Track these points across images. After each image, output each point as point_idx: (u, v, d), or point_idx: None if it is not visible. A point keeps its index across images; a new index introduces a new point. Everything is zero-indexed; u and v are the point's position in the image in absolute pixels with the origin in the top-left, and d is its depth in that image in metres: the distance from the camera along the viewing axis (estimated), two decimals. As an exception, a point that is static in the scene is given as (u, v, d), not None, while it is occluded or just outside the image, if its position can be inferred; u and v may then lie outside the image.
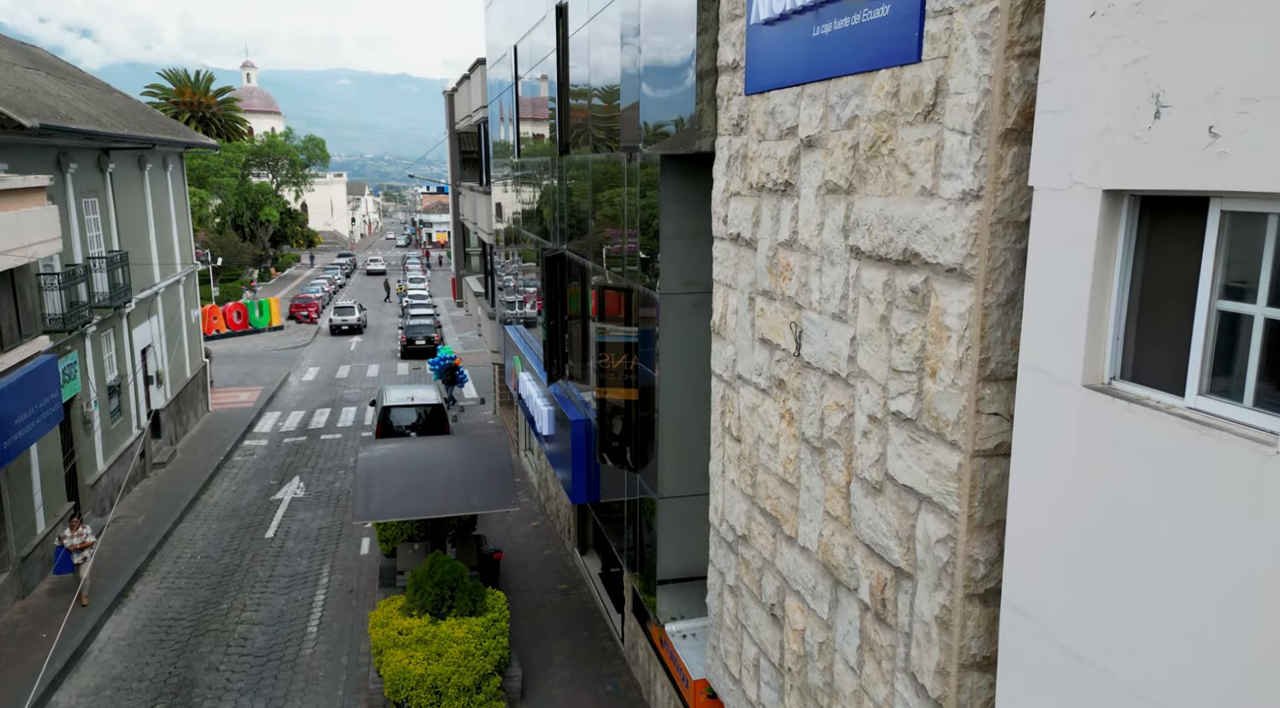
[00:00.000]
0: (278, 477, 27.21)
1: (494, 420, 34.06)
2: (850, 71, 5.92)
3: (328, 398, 38.01)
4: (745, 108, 7.65)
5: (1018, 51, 4.54)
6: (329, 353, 48.61)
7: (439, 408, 26.91)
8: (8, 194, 15.61)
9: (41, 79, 23.24)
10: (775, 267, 7.19)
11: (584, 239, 13.61)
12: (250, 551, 21.40)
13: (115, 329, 24.54)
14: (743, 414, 8.03)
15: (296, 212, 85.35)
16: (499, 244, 24.62)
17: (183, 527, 22.97)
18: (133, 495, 24.75)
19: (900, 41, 5.34)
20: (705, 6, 8.36)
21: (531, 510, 24.12)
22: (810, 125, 6.48)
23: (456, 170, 33.55)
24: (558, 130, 14.58)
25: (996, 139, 4.63)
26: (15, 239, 15.72)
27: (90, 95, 26.03)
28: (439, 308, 59.49)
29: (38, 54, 28.01)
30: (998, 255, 4.73)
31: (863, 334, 5.91)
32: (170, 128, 30.23)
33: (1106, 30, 3.90)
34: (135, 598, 18.87)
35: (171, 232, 30.48)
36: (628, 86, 10.80)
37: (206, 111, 75.98)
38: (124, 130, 23.30)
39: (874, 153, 5.67)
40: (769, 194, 7.25)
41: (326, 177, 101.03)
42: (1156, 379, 3.97)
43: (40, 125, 17.27)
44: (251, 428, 32.92)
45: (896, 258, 5.47)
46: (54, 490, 20.02)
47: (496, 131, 24.36)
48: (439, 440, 17.98)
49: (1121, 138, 3.84)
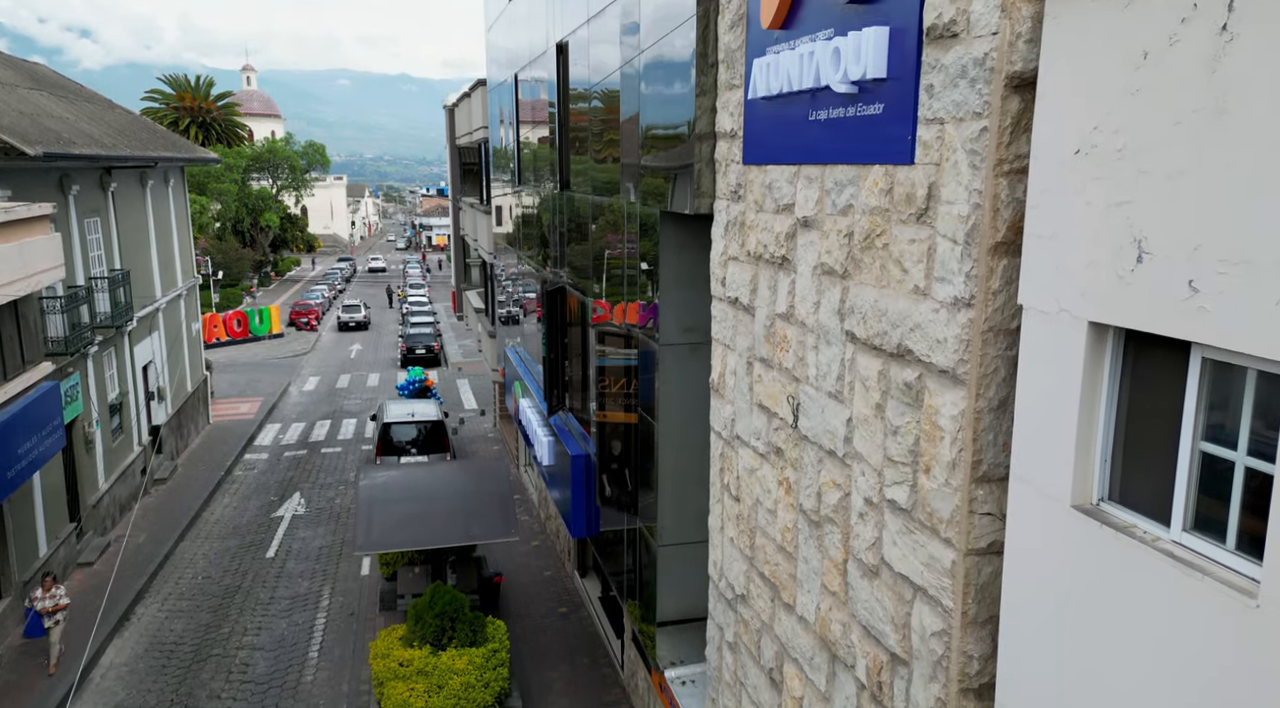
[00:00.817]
0: (278, 492, 27.30)
1: (494, 433, 34.15)
2: (845, 161, 6.03)
3: (328, 409, 38.10)
4: (743, 176, 7.76)
5: (1006, 169, 4.65)
6: (329, 362, 48.71)
7: (439, 424, 27.04)
8: (12, 225, 15.71)
9: (44, 100, 23.33)
10: (773, 336, 7.31)
11: (584, 275, 13.72)
12: (251, 571, 21.50)
13: (117, 347, 24.65)
14: (741, 475, 8.14)
15: (296, 216, 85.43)
16: (499, 268, 24.71)
17: (184, 546, 23.07)
18: (134, 513, 24.85)
19: (894, 142, 5.45)
20: (704, 71, 8.46)
21: (531, 529, 24.22)
22: (806, 206, 6.59)
23: (457, 184, 33.64)
24: (558, 166, 14.70)
25: (987, 251, 4.74)
26: (19, 270, 15.82)
27: (92, 113, 26.13)
28: (438, 314, 59.61)
29: (39, 71, 28.10)
30: (989, 362, 4.84)
31: (859, 418, 6.02)
32: (172, 143, 30.32)
33: (1090, 169, 4.01)
34: (137, 621, 18.97)
35: (173, 246, 30.58)
36: (627, 136, 10.91)
37: (207, 116, 76.09)
38: (126, 151, 23.39)
39: (868, 244, 5.79)
40: (766, 265, 7.36)
41: (326, 180, 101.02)
42: (1143, 505, 4.08)
43: (43, 153, 17.37)
44: (252, 441, 33.02)
45: (891, 350, 5.58)
46: (56, 512, 20.14)
47: (495, 153, 24.48)
48: (440, 466, 18.09)
49: (1106, 274, 3.95)
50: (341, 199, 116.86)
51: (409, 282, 75.53)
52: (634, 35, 10.33)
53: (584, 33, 12.69)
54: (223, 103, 77.69)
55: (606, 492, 11.60)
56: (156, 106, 75.82)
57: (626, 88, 10.87)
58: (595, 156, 12.44)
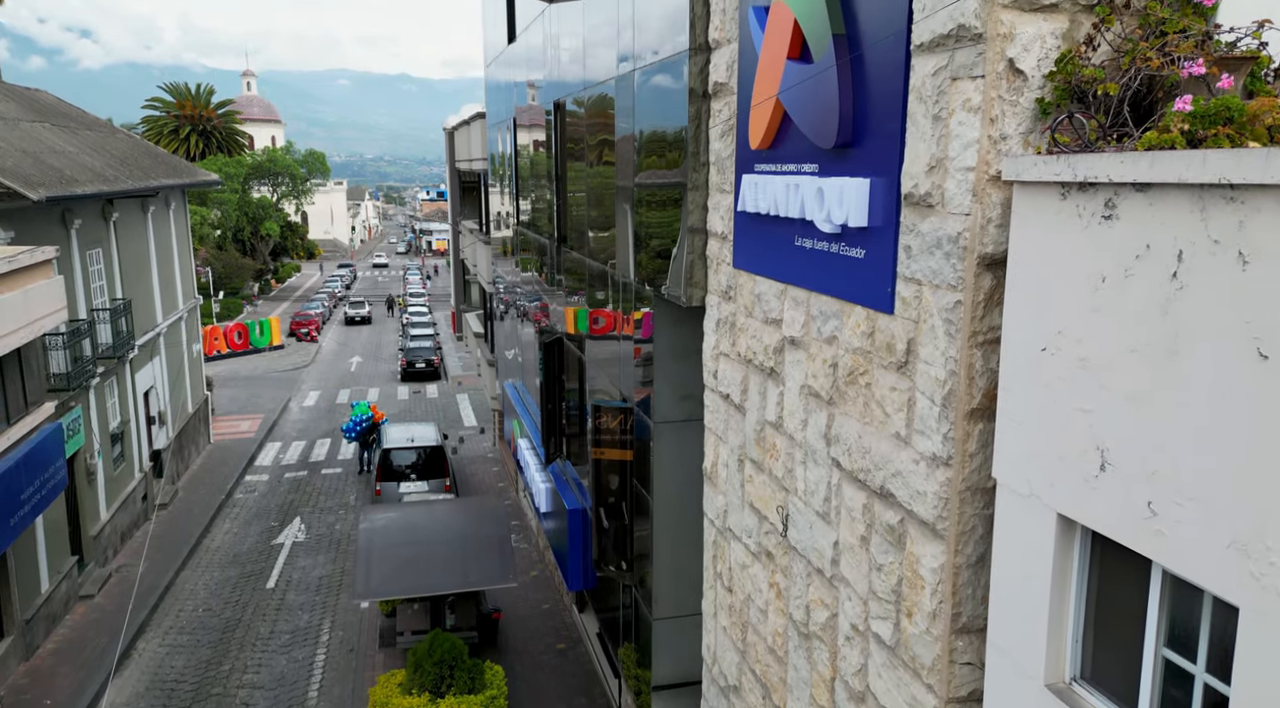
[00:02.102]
0: (278, 517, 27.47)
1: (493, 452, 34.30)
2: (830, 293, 6.19)
3: (328, 426, 38.24)
4: (734, 279, 7.92)
5: (981, 340, 4.82)
6: (330, 375, 48.85)
7: (438, 449, 27.24)
8: (16, 274, 15.86)
9: (46, 133, 23.48)
10: (763, 441, 7.47)
11: (580, 332, 13.88)
12: (252, 603, 21.66)
13: (119, 376, 24.80)
14: (734, 567, 8.31)
15: (297, 224, 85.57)
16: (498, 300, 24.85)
17: (184, 575, 23.24)
18: (135, 541, 25.04)
19: (875, 287, 5.61)
20: (695, 168, 8.62)
21: (530, 558, 24.37)
22: (794, 326, 6.75)
23: (457, 205, 33.79)
24: (555, 220, 14.85)
25: (964, 416, 4.90)
26: (23, 317, 15.98)
27: (95, 143, 26.27)
28: (438, 324, 59.76)
29: (42, 100, 28.23)
30: (968, 520, 5.01)
31: (845, 544, 6.19)
32: (173, 168, 30.47)
33: (1056, 369, 4.18)
34: (138, 657, 19.13)
35: (174, 268, 30.72)
36: (621, 215, 11.05)
37: (207, 124, 76.27)
38: (127, 184, 23.54)
39: (852, 380, 5.95)
40: (756, 370, 7.53)
41: (327, 185, 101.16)
42: (1114, 690, 4.24)
43: (46, 198, 17.53)
44: (253, 462, 33.18)
45: (875, 489, 5.75)
46: (58, 546, 20.30)
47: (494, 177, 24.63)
48: (438, 507, 18.25)
49: (1073, 473, 4.12)
50: (342, 204, 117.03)
51: (409, 290, 75.61)
52: (629, 118, 10.48)
53: (581, 99, 12.85)
54: (223, 110, 77.88)
55: (603, 549, 11.76)
56: (157, 114, 76.02)
57: (622, 161, 11.02)
58: (592, 222, 12.61)
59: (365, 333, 58.94)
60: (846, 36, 5.78)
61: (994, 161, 4.59)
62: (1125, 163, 3.63)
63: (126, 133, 31.23)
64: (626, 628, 12.73)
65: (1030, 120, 4.58)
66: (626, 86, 10.50)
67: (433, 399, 43.63)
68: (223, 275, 62.90)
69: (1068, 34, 4.55)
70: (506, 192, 21.20)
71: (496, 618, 19.29)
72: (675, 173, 8.96)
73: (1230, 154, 3.16)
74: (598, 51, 11.90)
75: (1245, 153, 3.11)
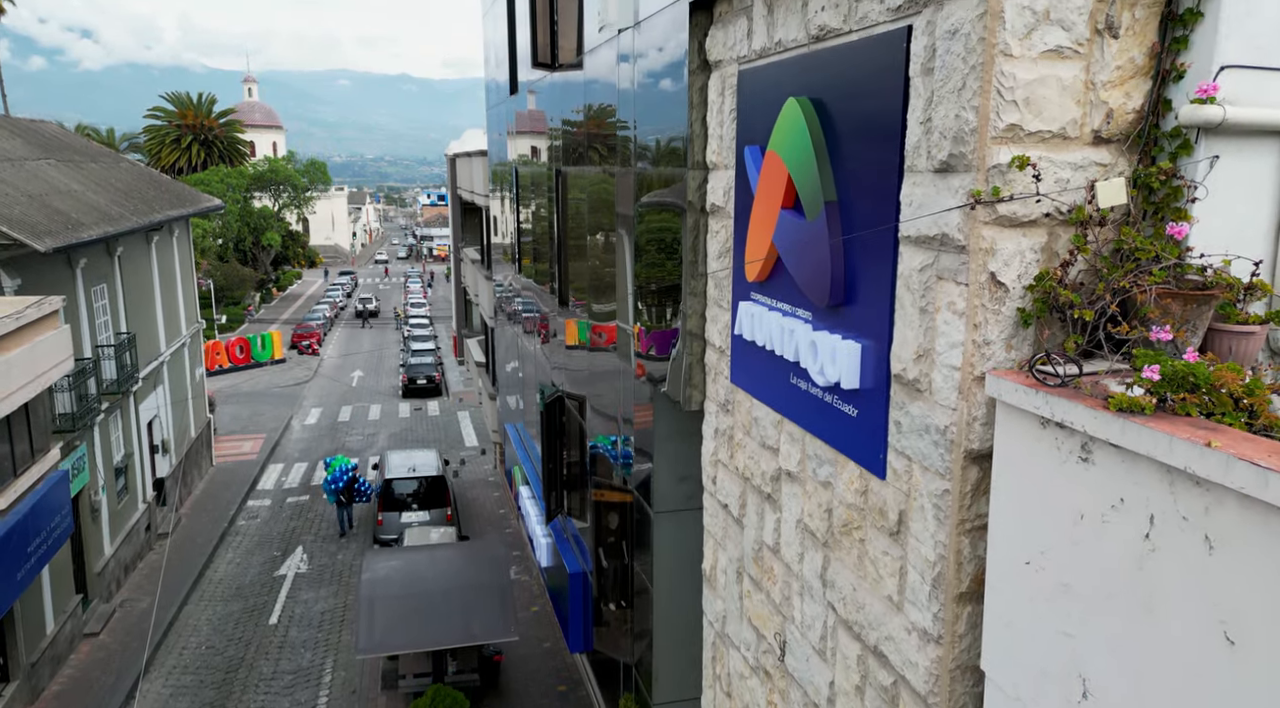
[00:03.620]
0: (280, 547, 27.68)
1: (494, 476, 34.50)
2: (825, 440, 6.36)
3: (330, 447, 38.44)
4: (731, 394, 8.09)
5: (969, 527, 4.99)
6: (331, 391, 49.06)
7: (439, 479, 27.48)
8: (24, 329, 16.04)
9: (51, 171, 23.65)
10: (761, 561, 7.65)
11: (581, 398, 14.06)
12: (255, 640, 21.86)
13: (123, 409, 24.99)
14: (733, 675, 8.49)
15: (298, 232, 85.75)
16: (499, 336, 25.00)
17: (187, 610, 23.45)
18: (138, 573, 25.24)
19: (868, 449, 5.78)
20: (694, 276, 8.78)
21: (531, 592, 24.55)
22: (790, 461, 6.93)
23: (458, 231, 33.98)
24: (557, 283, 15.03)
25: (953, 599, 5.08)
26: (31, 372, 16.17)
27: (100, 177, 26.45)
28: (439, 336, 59.96)
29: (46, 133, 28.39)
30: (958, 698, 5.19)
31: (841, 688, 6.37)
32: (176, 196, 30.64)
33: (1040, 585, 4.35)
34: (142, 699, 19.33)
35: (177, 295, 30.90)
36: (621, 295, 11.22)
37: (209, 133, 76.45)
38: (133, 221, 23.72)
39: (847, 531, 6.13)
40: (754, 491, 7.70)
41: (328, 191, 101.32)
42: None
43: (52, 249, 17.72)
44: (255, 486, 33.39)
45: (869, 645, 5.93)
46: (63, 585, 20.49)
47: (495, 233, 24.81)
48: (440, 554, 18.43)
49: (1057, 691, 4.29)
50: (343, 209, 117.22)
51: (410, 299, 75.73)
52: (628, 207, 10.66)
53: (582, 176, 13.02)
54: (224, 120, 78.08)
55: (603, 626, 11.95)
56: (159, 123, 76.17)
57: (622, 251, 11.20)
58: (593, 295, 12.77)
59: (367, 344, 59.26)
60: (839, 204, 5.96)
61: (978, 364, 4.77)
62: (1098, 420, 3.81)
63: (131, 162, 31.37)
64: (626, 677, 12.88)
65: (1012, 327, 4.76)
66: (626, 181, 10.69)
67: (434, 417, 43.84)
68: (224, 286, 63.07)
69: (1046, 246, 4.73)
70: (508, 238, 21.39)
71: (498, 661, 19.49)
72: (674, 275, 9.14)
73: (1195, 450, 3.34)
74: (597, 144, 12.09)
75: (1209, 453, 3.29)
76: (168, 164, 74.02)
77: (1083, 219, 4.57)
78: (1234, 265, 4.61)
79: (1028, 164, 4.53)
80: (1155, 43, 4.63)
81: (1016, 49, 4.48)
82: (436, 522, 26.73)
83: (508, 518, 29.65)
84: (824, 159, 6.04)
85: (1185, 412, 3.65)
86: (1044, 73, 4.53)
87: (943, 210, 4.83)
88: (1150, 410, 3.68)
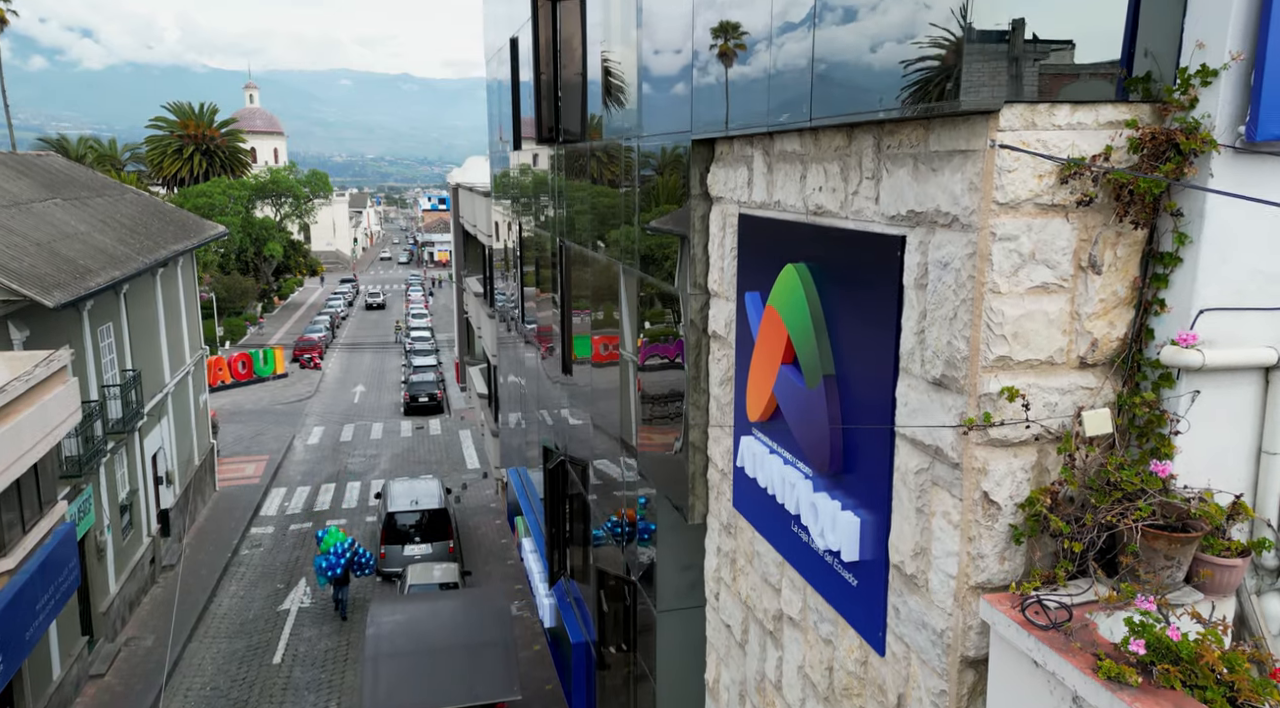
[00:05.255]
0: (284, 579, 27.88)
1: (495, 501, 34.71)
2: (825, 598, 6.55)
3: (332, 469, 38.68)
4: (734, 518, 8.29)
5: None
6: (333, 408, 49.28)
7: (442, 511, 27.76)
8: (34, 390, 16.23)
9: (57, 213, 23.85)
10: (764, 693, 7.85)
11: (584, 465, 14.25)
12: (259, 682, 22.07)
13: (128, 446, 25.18)
14: (730, 785, 8.70)
15: (299, 242, 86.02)
16: (503, 384, 25.19)
17: (192, 648, 23.65)
18: (143, 609, 25.44)
19: (868, 622, 5.98)
20: (697, 390, 8.98)
21: (533, 629, 24.74)
22: (792, 607, 7.13)
23: (461, 260, 34.21)
24: (560, 348, 15.22)
25: (946, 791, 5.28)
26: (41, 430, 16.35)
27: (105, 213, 26.64)
28: (440, 350, 60.18)
29: (52, 168, 28.53)
30: None
31: (834, 834, 6.57)
32: (181, 227, 30.83)
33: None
34: (149, 746, 19.56)
35: (181, 324, 31.06)
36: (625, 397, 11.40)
37: (211, 143, 76.69)
38: (139, 262, 23.92)
39: (848, 695, 6.33)
40: (756, 623, 7.90)
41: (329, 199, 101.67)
42: None
43: (59, 304, 17.92)
44: (258, 511, 33.60)
45: (863, 807, 6.13)
46: (69, 629, 20.68)
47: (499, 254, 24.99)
48: (443, 607, 18.62)
49: None
50: (344, 215, 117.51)
51: (411, 310, 75.87)
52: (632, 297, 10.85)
53: (585, 255, 13.21)
54: (226, 130, 78.33)
55: (607, 693, 12.15)
56: (161, 134, 76.38)
57: (626, 337, 11.39)
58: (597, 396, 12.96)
59: (368, 361, 59.63)
60: (838, 379, 6.15)
61: (973, 575, 4.97)
62: (1087, 685, 4.01)
63: (136, 192, 31.56)
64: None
65: (1005, 541, 4.96)
66: (631, 282, 10.88)
67: (436, 437, 44.07)
68: (226, 299, 63.29)
69: (1037, 463, 4.93)
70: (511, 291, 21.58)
71: (501, 708, 19.68)
72: (676, 385, 9.33)
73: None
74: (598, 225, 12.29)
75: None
76: (169, 174, 74.27)
77: (1070, 451, 4.77)
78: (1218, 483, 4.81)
79: (1017, 396, 4.73)
80: (1137, 277, 4.83)
81: (1004, 286, 4.68)
82: (439, 554, 26.99)
83: (509, 548, 29.85)
84: (822, 333, 6.23)
85: (1169, 684, 3.85)
86: (1031, 308, 4.73)
87: (937, 425, 5.03)
88: (1136, 683, 3.89)
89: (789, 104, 6.37)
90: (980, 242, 4.65)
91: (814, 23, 5.97)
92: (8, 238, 19.44)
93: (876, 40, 5.28)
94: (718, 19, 7.71)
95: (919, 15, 4.84)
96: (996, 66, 4.50)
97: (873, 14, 5.35)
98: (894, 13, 5.10)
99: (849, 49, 5.61)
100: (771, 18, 6.63)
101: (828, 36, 5.84)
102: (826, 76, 5.87)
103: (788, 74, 6.38)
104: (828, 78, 5.86)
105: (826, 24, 5.85)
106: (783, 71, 6.47)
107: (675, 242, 9.11)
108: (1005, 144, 4.51)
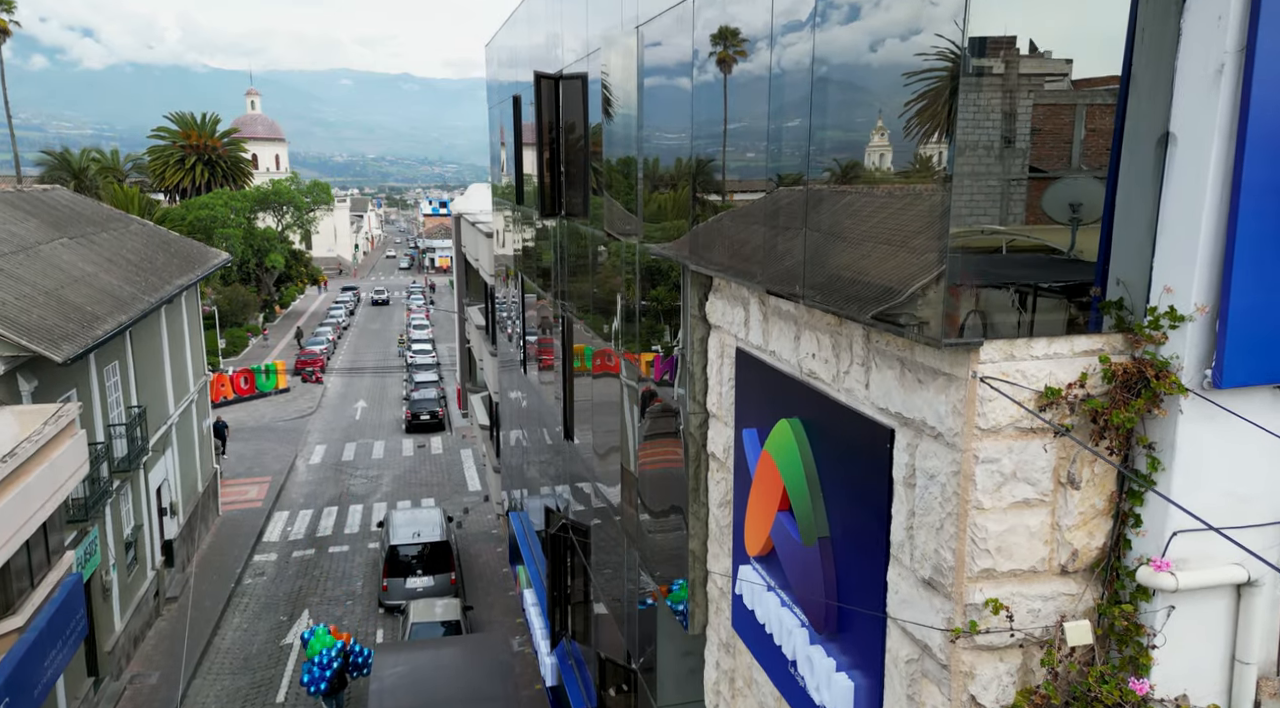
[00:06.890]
0: (287, 610, 28.12)
1: (497, 528, 34.93)
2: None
3: (334, 492, 38.90)
4: (733, 639, 8.50)
5: None
6: (335, 425, 49.52)
7: (443, 544, 28.05)
8: (45, 447, 16.45)
9: (64, 254, 24.06)
10: (755, 808, 8.08)
11: (585, 531, 14.48)
12: (263, 722, 22.33)
13: (133, 483, 25.39)
14: None
15: (300, 251, 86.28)
16: (504, 412, 25.41)
17: (196, 685, 23.89)
18: (147, 644, 25.68)
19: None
20: (697, 501, 9.18)
21: (534, 667, 24.96)
22: (787, 743, 7.35)
23: (463, 287, 34.44)
24: (562, 415, 15.44)
25: None
26: (50, 487, 16.57)
27: (111, 250, 26.85)
28: (442, 364, 60.41)
29: (58, 203, 28.68)
30: None
31: None
32: (186, 257, 31.04)
33: None
34: (156, 790, 19.80)
35: (185, 353, 31.24)
36: (625, 454, 11.61)
37: (212, 153, 76.95)
38: (146, 302, 24.13)
39: None
40: (751, 741, 8.12)
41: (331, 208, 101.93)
42: None
43: (68, 360, 18.14)
44: (260, 537, 33.83)
45: None
46: (75, 673, 20.89)
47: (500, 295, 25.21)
48: (445, 655, 18.87)
49: None
50: (345, 221, 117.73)
51: (412, 320, 76.03)
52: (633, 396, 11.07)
53: (585, 332, 13.44)
54: (227, 140, 78.60)
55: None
56: (164, 144, 76.62)
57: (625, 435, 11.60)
58: (600, 458, 13.19)
59: (369, 382, 59.92)
60: (833, 542, 6.37)
61: (959, 771, 5.20)
62: None
63: (141, 222, 31.79)
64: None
65: (991, 741, 5.19)
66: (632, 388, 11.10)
67: (437, 456, 44.32)
68: (228, 311, 63.53)
69: (1022, 666, 5.15)
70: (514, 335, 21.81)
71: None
72: (678, 512, 9.54)
73: None
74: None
75: None
76: (172, 185, 74.51)
77: (1053, 665, 5.00)
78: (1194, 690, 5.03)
79: (1001, 608, 4.96)
80: (1114, 492, 5.06)
81: (988, 503, 4.91)
82: (441, 586, 27.29)
83: (510, 578, 30.10)
84: (818, 496, 6.45)
85: None
86: (1014, 522, 4.96)
87: (927, 625, 5.25)
88: None
89: (781, 277, 6.57)
90: (964, 463, 4.87)
91: (805, 227, 6.18)
92: (17, 288, 19.66)
93: (867, 269, 5.50)
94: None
95: (904, 259, 5.07)
96: (976, 309, 4.73)
97: (861, 241, 5.57)
98: (876, 256, 5.32)
99: (843, 267, 5.81)
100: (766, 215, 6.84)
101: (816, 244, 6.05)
102: (817, 261, 6.08)
103: (782, 249, 6.59)
104: (820, 262, 6.07)
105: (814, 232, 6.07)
106: (781, 253, 6.64)
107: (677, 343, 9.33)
108: (986, 377, 4.74)
